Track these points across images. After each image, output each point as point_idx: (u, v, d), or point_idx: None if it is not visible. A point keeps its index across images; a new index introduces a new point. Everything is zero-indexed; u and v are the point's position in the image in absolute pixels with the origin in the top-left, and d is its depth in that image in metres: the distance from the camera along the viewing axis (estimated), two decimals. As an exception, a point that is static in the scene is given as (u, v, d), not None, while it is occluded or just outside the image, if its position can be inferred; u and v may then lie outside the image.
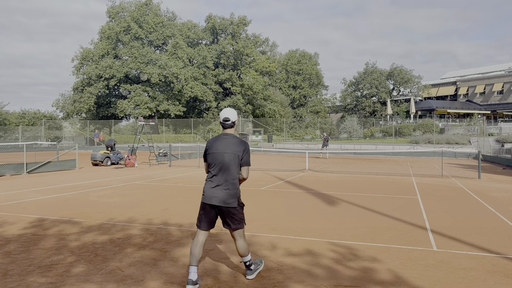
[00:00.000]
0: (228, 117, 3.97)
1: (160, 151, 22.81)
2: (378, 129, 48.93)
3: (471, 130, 42.90)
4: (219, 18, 53.20)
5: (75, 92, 50.77)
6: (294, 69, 63.98)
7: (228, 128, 4.00)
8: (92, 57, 49.04)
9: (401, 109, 57.97)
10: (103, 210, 7.69)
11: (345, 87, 63.77)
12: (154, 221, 6.78)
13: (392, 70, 59.84)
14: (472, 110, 54.89)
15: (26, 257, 4.69)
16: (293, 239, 5.70)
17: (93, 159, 18.98)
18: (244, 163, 3.91)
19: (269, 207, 8.31)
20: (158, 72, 46.58)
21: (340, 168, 19.33)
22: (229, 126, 4.00)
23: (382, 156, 31.58)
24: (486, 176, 15.67)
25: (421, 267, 4.49)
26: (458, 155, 30.81)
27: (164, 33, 50.36)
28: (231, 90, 52.33)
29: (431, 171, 17.72)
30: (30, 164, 15.52)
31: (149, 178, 13.79)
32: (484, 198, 9.85)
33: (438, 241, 5.62)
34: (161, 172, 16.37)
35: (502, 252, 5.11)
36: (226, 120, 3.98)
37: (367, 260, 4.75)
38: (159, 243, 5.39)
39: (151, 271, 4.27)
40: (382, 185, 12.33)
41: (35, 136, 46.45)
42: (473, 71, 66.57)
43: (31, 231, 5.96)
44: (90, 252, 4.92)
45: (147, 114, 47.95)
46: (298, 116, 62.17)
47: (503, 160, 23.65)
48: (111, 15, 49.78)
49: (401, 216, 7.43)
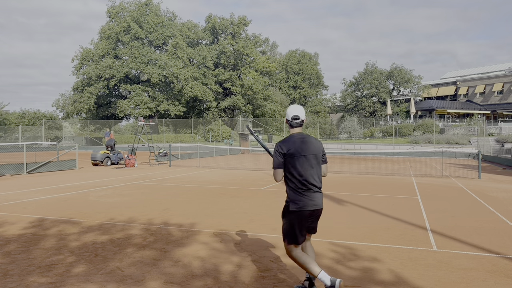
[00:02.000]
0: (298, 115, 3.69)
1: (160, 151, 22.81)
2: (378, 129, 48.94)
3: (471, 130, 42.91)
4: (219, 18, 53.24)
5: (75, 92, 50.80)
6: (294, 69, 63.99)
7: (297, 127, 3.72)
8: (92, 57, 49.06)
9: (401, 109, 57.98)
10: (103, 210, 7.69)
11: (345, 87, 63.82)
12: (154, 221, 6.78)
13: (392, 70, 59.85)
14: (472, 110, 54.89)
15: (26, 257, 4.69)
16: (293, 239, 5.69)
17: (93, 159, 18.98)
18: (325, 161, 3.76)
19: (269, 207, 8.31)
20: (158, 72, 46.60)
21: (340, 168, 19.33)
22: (299, 124, 3.72)
23: (382, 156, 31.58)
24: (486, 176, 15.67)
25: (421, 267, 4.49)
26: (458, 155, 30.81)
27: (164, 33, 50.38)
28: (231, 90, 52.34)
29: (431, 171, 17.72)
30: (30, 164, 15.52)
31: (149, 178, 13.79)
32: (484, 198, 9.84)
33: (438, 241, 5.62)
34: (161, 172, 16.37)
35: (502, 252, 5.11)
36: (296, 118, 3.69)
37: (367, 260, 4.75)
38: (159, 243, 5.39)
39: (151, 271, 4.27)
40: (382, 185, 12.32)
41: (35, 136, 46.46)
42: (473, 71, 66.57)
43: (31, 231, 5.96)
44: (90, 252, 4.92)
45: (147, 114, 47.97)
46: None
47: (503, 160, 23.65)
48: (111, 15, 49.80)
49: (401, 216, 7.43)
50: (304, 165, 3.56)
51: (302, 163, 3.56)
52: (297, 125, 3.71)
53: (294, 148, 3.57)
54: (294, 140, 3.63)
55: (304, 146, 3.60)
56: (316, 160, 3.63)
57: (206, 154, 28.79)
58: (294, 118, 3.69)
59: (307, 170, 3.57)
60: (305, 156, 3.57)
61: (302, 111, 3.73)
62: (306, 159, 3.57)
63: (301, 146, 3.60)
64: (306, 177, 3.55)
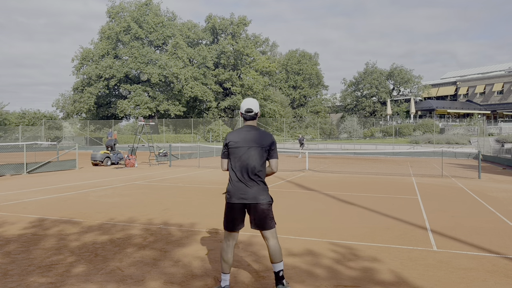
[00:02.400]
0: (251, 108, 3.69)
1: (160, 151, 22.82)
2: (378, 129, 48.94)
3: (471, 130, 42.91)
4: (219, 18, 53.24)
5: (75, 92, 50.80)
6: (294, 69, 63.97)
7: (250, 120, 3.73)
8: (92, 57, 49.06)
9: (401, 109, 57.98)
10: (103, 210, 7.69)
11: (345, 87, 63.82)
12: (154, 221, 6.78)
13: (392, 70, 59.85)
14: (472, 110, 54.89)
15: (26, 257, 4.69)
16: (293, 239, 5.70)
17: (93, 159, 18.98)
18: (272, 156, 3.65)
19: (269, 207, 8.30)
20: (158, 72, 46.59)
21: (340, 168, 19.33)
22: (251, 117, 3.72)
23: (382, 156, 31.58)
24: (486, 176, 15.67)
25: (421, 267, 4.49)
26: (458, 155, 30.81)
27: (164, 33, 50.36)
28: (231, 90, 52.33)
29: (431, 171, 17.71)
30: (30, 164, 15.52)
31: (149, 178, 13.79)
32: (484, 198, 9.84)
33: (438, 241, 5.62)
34: (161, 172, 16.37)
35: (502, 252, 5.11)
36: (249, 111, 3.70)
37: (367, 260, 4.75)
38: (159, 243, 5.39)
39: (151, 271, 4.27)
40: (382, 185, 12.32)
41: (35, 136, 46.46)
42: (473, 71, 66.57)
43: (31, 231, 5.96)
44: (90, 252, 4.92)
45: (147, 114, 47.96)
46: (298, 116, 62.19)
47: (503, 160, 23.65)
48: (111, 15, 49.78)
49: (401, 216, 7.43)
50: (243, 156, 3.57)
51: (241, 154, 3.58)
52: (250, 118, 3.72)
53: (237, 139, 3.61)
54: (240, 131, 3.68)
55: (248, 137, 3.61)
56: (259, 153, 3.58)
57: (206, 154, 28.79)
58: (247, 111, 3.70)
59: (244, 161, 3.56)
60: (247, 148, 3.58)
61: (255, 104, 3.74)
62: (247, 151, 3.57)
63: (244, 138, 3.61)
64: (241, 168, 3.57)
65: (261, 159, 3.59)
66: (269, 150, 3.63)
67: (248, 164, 3.56)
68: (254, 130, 3.67)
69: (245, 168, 3.56)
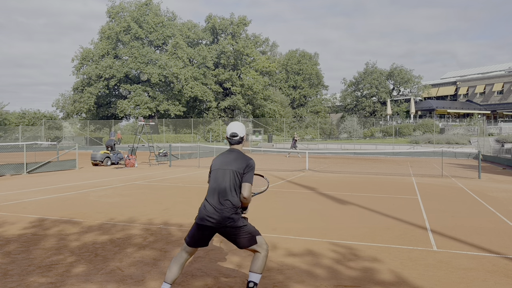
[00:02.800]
0: (235, 132, 3.57)
1: (160, 151, 22.81)
2: (378, 129, 48.94)
3: (471, 130, 42.91)
4: (219, 18, 53.24)
5: (75, 92, 50.82)
6: (294, 69, 64.00)
7: (235, 144, 3.60)
8: (92, 57, 49.06)
9: (401, 109, 57.99)
10: (103, 210, 7.69)
11: (345, 87, 63.81)
12: (154, 221, 6.78)
13: (392, 70, 59.85)
14: (472, 110, 54.90)
15: (26, 257, 4.69)
16: (293, 239, 5.70)
17: (93, 159, 18.99)
18: (245, 180, 3.43)
19: (269, 207, 8.31)
20: (158, 72, 46.60)
21: (340, 168, 19.33)
22: (236, 142, 3.59)
23: (382, 156, 31.58)
24: (486, 176, 15.67)
25: (421, 267, 4.49)
26: (458, 155, 30.81)
27: (164, 33, 50.37)
28: (231, 90, 52.33)
29: (431, 171, 17.72)
30: (30, 164, 15.52)
31: (149, 178, 13.79)
32: (484, 198, 9.85)
33: (438, 241, 5.62)
34: (161, 172, 16.37)
35: (502, 252, 5.11)
36: (234, 136, 3.57)
37: (367, 260, 4.75)
38: (159, 243, 5.39)
39: (151, 271, 4.27)
40: (382, 185, 12.33)
41: (35, 136, 46.45)
42: (473, 71, 66.58)
43: (31, 231, 5.96)
44: (90, 252, 4.92)
45: (147, 114, 47.96)
46: (298, 116, 62.21)
47: (503, 160, 23.66)
48: (111, 15, 49.79)
49: (401, 216, 7.43)
50: (218, 180, 3.46)
51: (217, 177, 3.49)
52: (235, 142, 3.61)
53: (218, 163, 3.55)
54: (222, 155, 3.61)
55: (226, 160, 3.51)
56: (232, 176, 3.42)
57: (206, 154, 28.78)
58: (232, 136, 3.59)
59: (218, 185, 3.45)
60: (223, 171, 3.47)
61: (241, 128, 3.61)
62: (222, 174, 3.46)
63: (223, 161, 3.53)
64: (213, 191, 3.46)
65: (233, 182, 3.42)
66: (242, 174, 3.44)
67: (220, 188, 3.43)
68: (234, 153, 3.54)
69: (217, 191, 3.44)
